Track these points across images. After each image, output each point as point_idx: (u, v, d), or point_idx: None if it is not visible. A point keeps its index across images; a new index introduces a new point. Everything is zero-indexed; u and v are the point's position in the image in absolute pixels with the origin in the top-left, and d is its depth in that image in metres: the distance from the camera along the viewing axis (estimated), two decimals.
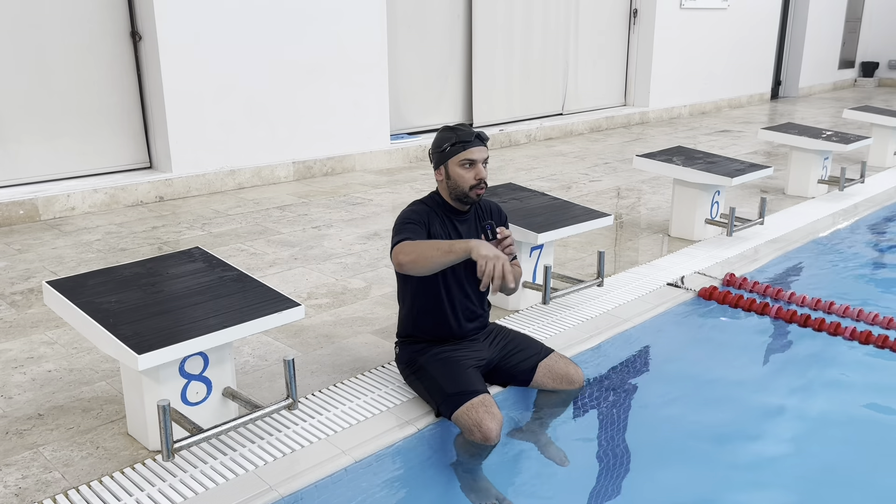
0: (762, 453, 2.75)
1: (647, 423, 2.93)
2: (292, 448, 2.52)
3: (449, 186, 2.74)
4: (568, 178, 6.91)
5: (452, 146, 2.69)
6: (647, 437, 2.84)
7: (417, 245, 2.55)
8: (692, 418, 2.99)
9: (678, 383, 3.27)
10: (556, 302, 3.75)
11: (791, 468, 2.66)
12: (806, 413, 3.06)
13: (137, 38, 5.89)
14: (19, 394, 2.91)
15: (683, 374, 3.36)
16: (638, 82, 10.81)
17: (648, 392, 3.18)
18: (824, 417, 3.00)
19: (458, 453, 2.65)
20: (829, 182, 6.19)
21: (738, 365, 3.45)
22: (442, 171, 2.74)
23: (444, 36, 8.30)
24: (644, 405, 3.08)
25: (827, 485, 2.59)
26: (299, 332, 3.47)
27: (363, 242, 4.86)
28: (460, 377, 2.69)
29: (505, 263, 2.38)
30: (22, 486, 2.35)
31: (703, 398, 3.16)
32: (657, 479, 2.60)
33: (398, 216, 2.76)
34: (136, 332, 2.33)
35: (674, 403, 3.11)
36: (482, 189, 2.73)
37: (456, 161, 2.69)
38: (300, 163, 6.75)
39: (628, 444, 2.81)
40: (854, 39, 15.90)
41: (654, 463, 2.68)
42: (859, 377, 3.33)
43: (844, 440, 2.85)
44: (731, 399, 3.14)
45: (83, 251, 4.64)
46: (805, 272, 4.64)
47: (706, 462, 2.70)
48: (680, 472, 2.64)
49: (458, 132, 2.70)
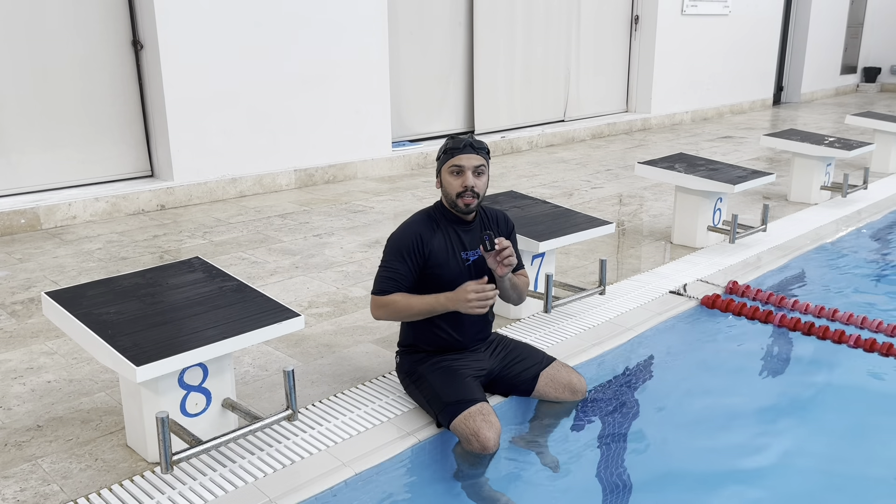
0: (766, 462, 2.72)
1: (649, 432, 2.91)
2: (292, 460, 2.50)
3: (443, 195, 2.77)
4: (570, 184, 6.89)
5: (444, 153, 2.72)
6: (649, 447, 2.81)
7: (393, 303, 2.68)
8: (695, 427, 2.97)
9: (681, 392, 3.25)
10: (557, 310, 3.73)
11: (796, 477, 2.64)
12: (811, 422, 3.03)
13: (139, 47, 5.90)
14: (18, 405, 2.89)
15: (686, 382, 3.34)
16: (640, 89, 10.80)
17: (651, 401, 3.16)
18: (829, 426, 2.98)
19: (458, 463, 2.63)
20: (832, 188, 6.17)
21: (741, 373, 3.43)
22: (439, 181, 2.78)
23: (446, 43, 8.30)
24: (646, 414, 3.05)
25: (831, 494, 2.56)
26: (300, 341, 3.46)
27: (364, 250, 4.84)
28: (458, 386, 2.68)
29: (489, 295, 2.56)
30: (20, 498, 2.33)
31: (706, 407, 3.13)
32: (660, 486, 2.57)
33: (395, 233, 2.78)
34: (134, 344, 2.31)
35: (676, 412, 3.08)
36: (470, 199, 2.68)
37: (447, 168, 2.70)
38: (301, 170, 6.74)
39: (630, 453, 2.78)
40: (856, 45, 15.89)
41: (656, 472, 2.66)
42: (864, 385, 3.30)
43: (849, 449, 2.82)
44: (734, 408, 3.12)
45: (84, 260, 4.63)
46: (808, 279, 4.62)
47: (709, 471, 2.68)
48: (683, 481, 2.62)
49: (452, 139, 2.72)
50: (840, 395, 3.25)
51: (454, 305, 2.61)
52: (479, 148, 2.71)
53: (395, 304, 2.68)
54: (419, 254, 2.70)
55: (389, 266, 2.72)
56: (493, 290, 2.59)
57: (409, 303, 2.68)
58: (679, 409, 3.12)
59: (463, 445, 2.60)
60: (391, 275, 2.71)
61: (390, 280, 2.70)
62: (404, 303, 2.68)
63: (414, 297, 2.68)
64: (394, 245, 2.74)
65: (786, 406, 3.17)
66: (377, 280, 2.74)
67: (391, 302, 2.68)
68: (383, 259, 2.76)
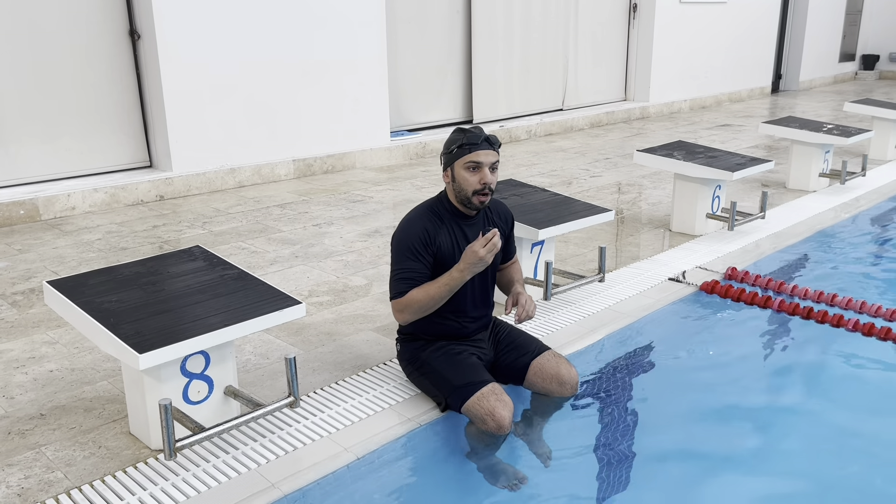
0: (765, 447, 2.74)
1: (648, 418, 2.92)
2: (294, 446, 2.52)
3: (454, 189, 2.70)
4: (568, 173, 6.89)
5: (459, 148, 2.63)
6: (648, 432, 2.83)
7: (414, 301, 2.63)
8: (694, 413, 2.99)
9: (680, 378, 3.26)
10: (557, 298, 3.75)
11: (794, 460, 2.65)
12: (809, 406, 3.05)
13: (136, 37, 5.88)
14: (21, 394, 2.91)
15: (685, 368, 3.35)
16: (638, 77, 10.79)
17: (650, 387, 3.17)
18: (828, 410, 2.99)
19: (470, 443, 2.65)
20: (831, 175, 6.18)
21: (741, 359, 3.44)
22: (449, 174, 2.70)
23: (444, 32, 8.28)
24: (645, 400, 3.07)
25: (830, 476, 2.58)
26: (300, 329, 3.47)
27: (364, 240, 4.85)
28: (466, 369, 2.69)
29: (495, 241, 2.52)
30: (24, 486, 2.35)
31: (705, 393, 3.15)
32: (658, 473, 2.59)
33: (398, 233, 2.71)
34: (137, 332, 2.32)
35: (675, 398, 3.10)
36: (486, 195, 2.65)
37: (462, 163, 2.63)
38: (300, 160, 6.74)
39: (629, 438, 2.80)
40: (854, 32, 15.86)
41: (654, 457, 2.67)
42: (862, 369, 3.32)
43: (848, 433, 2.84)
44: (734, 393, 3.14)
45: (84, 251, 4.64)
46: (807, 266, 4.63)
47: (707, 455, 2.69)
48: (681, 466, 2.63)
49: (467, 134, 2.64)
50: (838, 379, 3.27)
51: (471, 270, 2.56)
52: (495, 143, 2.67)
53: (415, 300, 2.62)
54: (430, 247, 2.67)
55: (402, 267, 2.65)
56: (494, 234, 2.54)
57: (428, 292, 2.61)
58: (678, 394, 3.13)
59: (478, 426, 2.61)
60: (406, 275, 2.64)
61: (406, 280, 2.64)
62: (423, 294, 2.61)
63: (429, 285, 2.63)
64: (402, 245, 2.68)
65: (785, 390, 3.19)
66: (393, 285, 2.67)
67: (411, 300, 2.62)
68: (393, 263, 2.69)
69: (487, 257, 2.54)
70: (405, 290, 2.64)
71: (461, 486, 2.54)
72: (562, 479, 2.55)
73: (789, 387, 3.23)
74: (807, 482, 2.57)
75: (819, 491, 2.52)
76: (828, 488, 2.54)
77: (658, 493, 2.49)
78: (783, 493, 2.50)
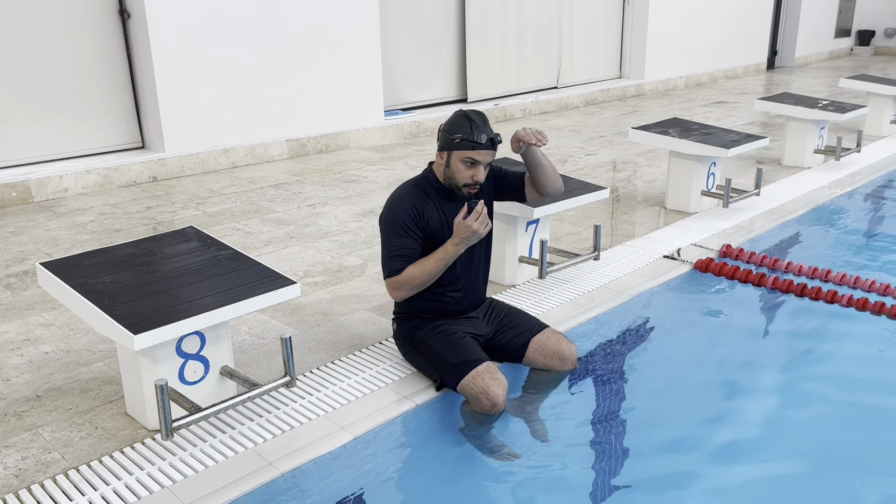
0: (759, 423, 2.76)
1: (643, 395, 2.94)
2: (291, 425, 2.53)
3: (446, 174, 2.72)
4: (563, 151, 6.87)
5: (462, 140, 2.63)
6: (643, 409, 2.85)
7: (411, 278, 2.63)
8: (689, 390, 3.01)
9: (675, 355, 3.28)
10: (552, 276, 3.75)
11: (789, 437, 2.67)
12: (804, 382, 3.07)
13: (126, 16, 5.81)
14: (17, 376, 2.91)
15: (680, 345, 3.37)
16: (633, 54, 10.72)
17: (645, 364, 3.19)
18: (823, 386, 3.01)
19: (466, 421, 2.67)
20: (826, 152, 6.17)
21: (735, 335, 3.46)
22: (444, 156, 2.70)
23: (437, 10, 8.20)
24: (640, 378, 3.08)
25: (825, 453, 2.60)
26: (296, 310, 3.47)
27: (358, 220, 4.84)
28: (462, 347, 2.70)
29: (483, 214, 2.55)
30: (22, 466, 2.35)
31: (700, 369, 3.17)
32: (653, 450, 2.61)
33: (387, 213, 2.72)
34: (131, 313, 2.32)
35: (670, 375, 3.11)
36: (475, 189, 2.71)
37: (460, 155, 2.65)
38: (294, 140, 6.70)
39: (624, 415, 2.81)
40: (850, 8, 15.77)
41: (650, 434, 2.69)
42: (857, 345, 3.34)
43: (843, 407, 2.86)
44: (728, 370, 3.16)
45: (77, 232, 4.62)
46: (802, 242, 4.64)
47: (702, 433, 2.71)
48: (676, 443, 2.65)
49: (473, 128, 2.63)
50: (833, 354, 3.29)
51: (465, 242, 2.58)
52: (497, 144, 2.68)
53: (413, 276, 2.62)
54: (419, 222, 2.68)
55: (395, 245, 2.66)
56: (482, 206, 2.56)
57: (424, 267, 2.62)
58: (673, 372, 3.15)
59: (472, 405, 2.63)
60: (399, 252, 2.65)
61: (400, 258, 2.65)
62: (420, 270, 2.62)
63: (424, 261, 2.64)
64: (391, 224, 2.69)
65: (780, 366, 3.21)
66: (387, 263, 2.67)
67: (407, 277, 2.63)
68: (384, 242, 2.70)
69: (481, 230, 2.56)
70: (401, 268, 2.64)
71: (457, 464, 2.56)
72: (557, 455, 2.57)
73: (784, 363, 3.24)
74: (799, 457, 2.59)
75: (810, 463, 2.54)
76: (820, 460, 2.56)
77: (652, 469, 2.51)
78: (776, 468, 2.52)
